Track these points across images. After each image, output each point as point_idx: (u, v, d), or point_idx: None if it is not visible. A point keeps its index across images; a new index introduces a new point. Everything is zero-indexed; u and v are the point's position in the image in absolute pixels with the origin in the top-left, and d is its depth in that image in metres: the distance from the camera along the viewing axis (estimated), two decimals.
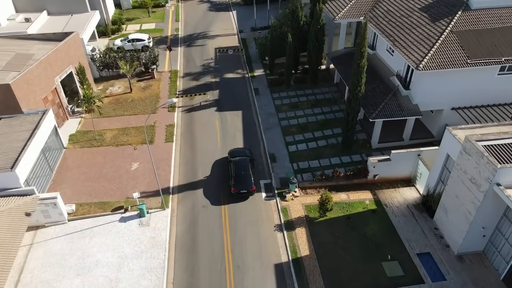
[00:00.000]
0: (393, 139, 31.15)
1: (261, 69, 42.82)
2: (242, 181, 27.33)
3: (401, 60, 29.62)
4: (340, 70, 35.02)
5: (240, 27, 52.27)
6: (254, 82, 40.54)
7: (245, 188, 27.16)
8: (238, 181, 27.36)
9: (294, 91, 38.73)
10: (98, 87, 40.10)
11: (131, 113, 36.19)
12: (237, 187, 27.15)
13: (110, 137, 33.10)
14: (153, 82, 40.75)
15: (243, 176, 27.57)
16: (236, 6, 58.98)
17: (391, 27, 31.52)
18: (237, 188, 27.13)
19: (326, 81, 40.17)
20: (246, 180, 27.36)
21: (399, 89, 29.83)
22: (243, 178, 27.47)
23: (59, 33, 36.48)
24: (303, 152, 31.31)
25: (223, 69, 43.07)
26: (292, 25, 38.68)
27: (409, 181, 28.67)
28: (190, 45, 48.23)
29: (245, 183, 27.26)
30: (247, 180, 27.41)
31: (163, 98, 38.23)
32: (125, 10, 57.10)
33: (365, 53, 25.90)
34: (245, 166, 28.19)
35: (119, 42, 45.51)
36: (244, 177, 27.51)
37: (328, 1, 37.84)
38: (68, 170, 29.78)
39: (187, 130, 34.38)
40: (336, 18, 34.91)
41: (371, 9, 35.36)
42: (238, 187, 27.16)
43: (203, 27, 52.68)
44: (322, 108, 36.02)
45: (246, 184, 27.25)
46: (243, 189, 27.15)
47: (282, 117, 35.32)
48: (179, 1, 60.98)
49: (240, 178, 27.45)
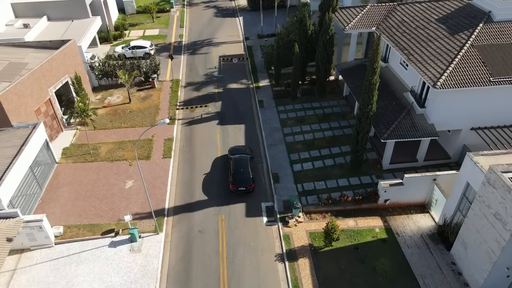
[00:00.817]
0: (406, 160, 28.92)
1: (267, 79, 40.88)
2: (241, 179, 27.19)
3: (416, 76, 27.44)
4: (350, 83, 32.88)
5: (246, 34, 50.43)
6: (259, 93, 38.60)
7: (243, 185, 27.02)
8: (236, 178, 27.20)
9: (301, 103, 36.69)
10: (96, 96, 38.54)
11: (129, 125, 34.49)
12: (235, 185, 27.01)
13: (105, 152, 31.41)
14: (154, 92, 39.05)
15: (242, 173, 27.45)
16: (242, 11, 57.18)
17: (406, 39, 29.35)
18: (236, 186, 27.02)
19: (335, 93, 38.06)
20: (244, 178, 27.23)
21: (413, 107, 27.61)
22: (242, 175, 27.34)
23: (56, 41, 34.98)
24: (308, 171, 29.24)
25: (227, 79, 41.22)
26: (300, 34, 36.68)
27: (423, 207, 26.45)
28: (193, 53, 46.50)
29: (244, 181, 27.11)
30: (246, 177, 27.26)
31: (163, 109, 36.49)
32: (129, 15, 55.71)
33: (377, 69, 23.80)
34: (244, 164, 28.07)
35: (120, 49, 43.97)
36: (243, 174, 27.40)
37: (338, 10, 35.76)
38: (58, 188, 28.12)
39: (186, 145, 32.55)
40: (346, 28, 32.82)
41: (384, 19, 33.21)
42: (236, 184, 27.01)
43: (208, 34, 50.95)
44: (330, 123, 33.91)
45: (245, 181, 27.10)
46: (241, 187, 27.02)
47: (287, 132, 33.29)
48: (185, 6, 59.38)
49: (239, 176, 27.30)
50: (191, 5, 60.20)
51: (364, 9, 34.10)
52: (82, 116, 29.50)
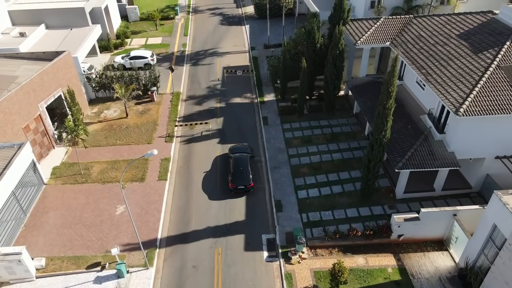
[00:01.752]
0: (422, 189, 26.37)
1: (272, 93, 38.61)
2: (240, 177, 27.30)
3: (434, 97, 24.93)
4: (361, 103, 30.42)
5: (252, 44, 48.25)
6: (263, 109, 36.33)
7: (243, 184, 27.08)
8: (236, 176, 27.33)
9: (308, 121, 34.32)
10: (92, 109, 36.66)
11: (124, 142, 32.48)
12: (235, 183, 27.09)
13: (97, 172, 29.40)
14: (153, 105, 37.03)
15: (242, 172, 27.55)
16: (249, 19, 55.04)
17: (423, 56, 26.86)
18: (235, 184, 27.08)
19: (344, 110, 35.63)
20: (244, 176, 27.34)
21: (431, 132, 25.08)
22: (242, 174, 27.46)
23: (49, 52, 33.19)
24: (314, 199, 26.85)
25: (230, 92, 39.05)
26: (308, 47, 34.35)
27: (441, 243, 23.91)
28: (196, 63, 44.45)
29: (243, 179, 27.20)
30: (246, 176, 27.37)
31: (161, 125, 34.42)
32: (132, 23, 53.94)
33: (393, 93, 21.37)
34: (244, 162, 28.14)
35: (120, 59, 42.12)
36: (243, 173, 27.51)
37: (350, 22, 33.38)
38: (44, 213, 26.14)
39: (184, 166, 30.39)
40: (358, 43, 30.41)
41: (399, 33, 30.75)
42: (236, 182, 27.10)
43: (212, 43, 48.88)
44: (339, 145, 31.48)
45: (244, 180, 27.19)
46: (240, 185, 27.07)
47: (292, 153, 30.96)
48: (190, 13, 57.48)
49: (238, 174, 27.44)
50: (196, 12, 58.27)
51: (378, 22, 31.66)
52: (72, 135, 27.52)
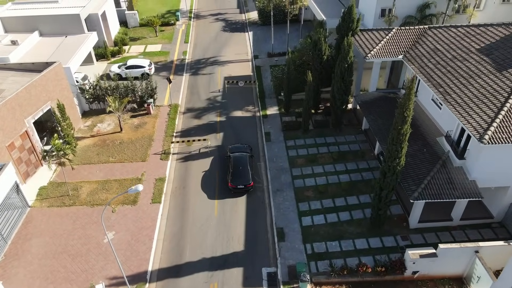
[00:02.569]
0: (439, 218, 24.08)
1: (276, 106, 36.44)
2: (240, 176, 27.03)
3: (452, 118, 22.65)
4: (370, 120, 28.16)
5: (255, 52, 46.13)
6: (266, 124, 34.18)
7: (242, 183, 26.84)
8: (235, 176, 27.07)
9: (313, 138, 32.13)
10: (85, 122, 34.71)
11: (117, 159, 30.47)
12: (234, 182, 26.84)
13: (87, 193, 27.39)
14: (149, 118, 35.01)
15: (241, 171, 27.28)
16: (253, 26, 52.93)
17: (440, 73, 24.59)
18: (234, 183, 26.82)
19: (352, 125, 33.40)
20: (243, 176, 27.08)
21: (449, 157, 22.79)
22: (241, 173, 27.19)
23: (39, 63, 31.27)
24: (320, 227, 24.64)
25: (231, 105, 36.94)
26: (314, 59, 32.18)
27: (460, 280, 21.61)
28: (196, 73, 42.40)
29: (243, 178, 26.95)
30: (245, 175, 27.12)
31: (157, 140, 32.38)
32: (131, 28, 52.05)
33: (409, 118, 19.14)
34: (243, 162, 27.88)
35: (116, 69, 40.18)
36: (242, 172, 27.24)
37: (359, 32, 31.16)
38: (26, 240, 24.14)
39: (180, 187, 28.30)
40: (368, 56, 28.17)
41: (413, 45, 28.49)
42: (235, 182, 26.84)
43: (214, 51, 46.82)
44: (346, 165, 29.25)
45: (244, 179, 26.93)
46: (240, 184, 26.82)
47: (296, 174, 28.77)
48: (191, 19, 55.50)
49: (237, 173, 27.18)
50: (198, 18, 56.27)
51: (389, 33, 29.41)
52: (58, 156, 25.53)
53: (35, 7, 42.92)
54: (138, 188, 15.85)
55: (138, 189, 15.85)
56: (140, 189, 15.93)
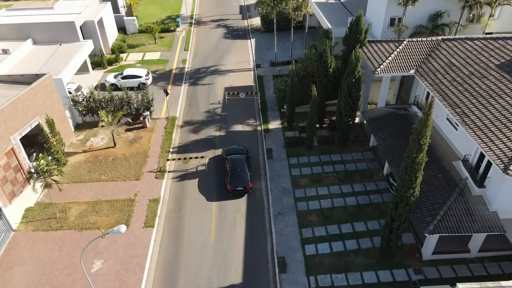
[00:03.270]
0: (455, 249, 22.11)
1: (278, 120, 34.59)
2: (238, 178, 26.79)
3: (471, 142, 20.71)
4: (379, 139, 26.22)
5: (257, 60, 44.34)
6: (268, 139, 32.34)
7: (241, 185, 26.59)
8: (234, 178, 26.82)
9: (317, 155, 30.24)
10: (78, 136, 33.02)
11: (109, 177, 28.72)
12: (233, 184, 26.60)
13: (75, 216, 25.65)
14: (144, 132, 33.27)
15: (239, 173, 27.05)
16: (255, 33, 51.14)
17: (457, 91, 22.66)
18: (233, 185, 26.59)
19: (359, 141, 31.47)
20: (242, 177, 26.86)
21: (467, 185, 20.83)
22: (239, 175, 26.96)
23: (28, 75, 29.62)
24: (324, 257, 22.73)
25: (231, 118, 35.12)
26: (319, 71, 30.34)
27: None
28: (196, 83, 40.65)
29: (241, 180, 26.71)
30: (244, 177, 26.90)
31: (152, 157, 30.62)
32: (130, 35, 50.43)
33: (425, 146, 17.24)
34: (241, 163, 27.68)
35: (112, 78, 38.51)
36: (240, 174, 27.02)
37: (367, 44, 29.30)
38: (8, 269, 22.40)
39: (175, 209, 26.51)
40: (377, 71, 26.25)
41: (425, 59, 26.57)
42: (234, 184, 26.60)
43: (214, 59, 45.07)
44: (353, 186, 27.35)
45: (242, 181, 26.70)
46: (239, 186, 26.57)
47: (299, 196, 26.90)
48: (192, 25, 53.80)
49: (236, 175, 26.94)
50: (199, 24, 54.57)
51: (400, 45, 27.49)
52: (44, 177, 23.81)
53: (30, 13, 41.46)
54: (120, 229, 14.07)
55: (120, 231, 14.07)
56: (122, 230, 14.16)
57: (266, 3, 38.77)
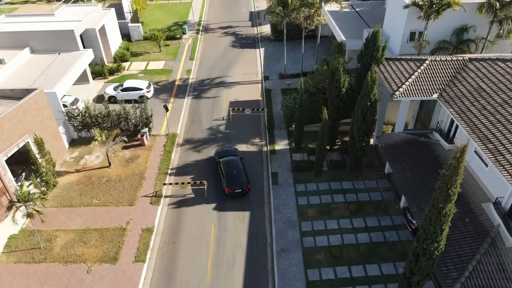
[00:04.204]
0: None
1: (285, 139, 32.11)
2: (235, 180, 26.32)
3: (503, 184, 17.95)
4: (397, 171, 23.51)
5: (266, 72, 41.93)
6: (273, 161, 29.91)
7: (239, 186, 26.19)
8: (230, 180, 26.31)
9: (327, 182, 27.71)
10: (72, 153, 31.09)
11: (101, 202, 26.67)
12: (230, 187, 26.11)
13: (61, 246, 23.62)
14: (142, 151, 31.17)
15: (236, 174, 26.60)
16: (265, 41, 48.72)
17: (487, 121, 19.90)
18: (231, 188, 26.11)
19: (373, 167, 28.84)
20: (239, 179, 26.42)
21: (500, 234, 18.07)
22: (236, 176, 26.48)
23: (18, 90, 27.78)
24: None
25: (235, 136, 32.76)
26: (330, 90, 27.78)
27: None
28: (200, 96, 38.43)
29: (239, 182, 26.28)
30: (241, 178, 26.47)
31: (148, 179, 28.49)
32: (135, 42, 48.53)
33: (454, 197, 14.61)
34: (236, 165, 27.29)
35: (112, 90, 36.55)
36: (237, 175, 26.57)
37: (384, 61, 26.66)
38: None
39: (169, 242, 24.26)
40: (396, 94, 23.56)
41: (450, 81, 23.82)
42: (231, 186, 26.12)
43: (221, 70, 42.80)
44: (366, 220, 24.75)
45: (240, 182, 26.27)
46: (237, 188, 26.13)
47: (306, 229, 24.41)
48: (199, 32, 51.65)
49: (232, 177, 26.43)
50: (207, 31, 52.39)
51: (422, 65, 24.75)
52: (26, 207, 21.82)
53: (29, 20, 39.82)
54: None
55: None
56: None
57: (275, 12, 36.35)
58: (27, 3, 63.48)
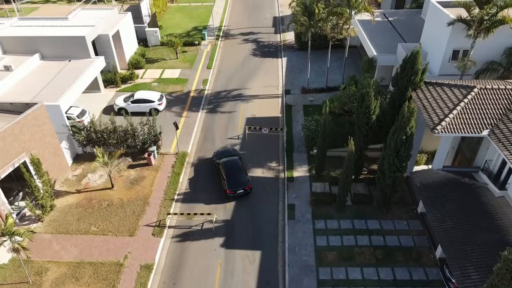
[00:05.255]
0: None
1: (305, 165, 29.01)
2: (237, 181, 25.93)
3: None
4: (435, 220, 20.01)
5: (287, 85, 38.85)
6: (291, 190, 26.90)
7: (241, 187, 25.81)
8: (231, 181, 25.92)
9: (350, 220, 24.49)
10: (76, 170, 29.04)
11: (99, 230, 24.39)
12: (232, 188, 25.71)
13: (51, 282, 21.42)
14: (149, 171, 28.77)
15: (236, 175, 26.19)
16: (288, 50, 45.60)
17: None
18: (232, 189, 25.69)
19: (404, 204, 25.38)
20: (240, 179, 26.05)
21: None
22: (237, 177, 26.08)
23: (18, 104, 25.84)
24: None
25: (250, 158, 29.85)
26: (358, 116, 24.47)
27: None
28: (215, 110, 35.75)
29: (240, 182, 25.92)
30: (242, 178, 26.12)
31: (153, 205, 26.05)
32: (151, 47, 46.39)
33: None
34: (235, 165, 26.90)
35: (122, 102, 34.35)
36: (238, 176, 26.18)
37: (423, 86, 23.16)
38: None
39: (168, 283, 21.65)
40: (437, 129, 20.08)
41: (504, 115, 20.14)
42: (233, 187, 25.71)
43: (239, 81, 40.00)
44: (395, 271, 21.40)
45: (241, 182, 25.92)
46: (239, 189, 25.75)
47: (324, 277, 21.31)
48: (219, 38, 49.02)
49: (233, 178, 26.03)
50: (227, 37, 49.70)
51: (469, 94, 21.13)
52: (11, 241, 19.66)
53: (42, 24, 38.18)
54: None
55: None
56: None
57: (300, 22, 33.20)
58: (47, 3, 62.55)
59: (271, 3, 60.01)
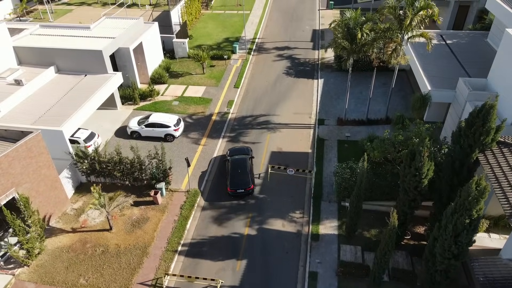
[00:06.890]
0: None
1: (335, 219, 24.39)
2: (238, 179, 25.71)
3: None
4: None
5: (321, 113, 34.18)
6: (314, 252, 22.42)
7: (241, 187, 25.47)
8: (234, 179, 25.78)
9: None
10: (75, 203, 26.15)
11: (88, 284, 21.16)
12: (233, 186, 25.57)
13: None
14: (154, 212, 25.31)
15: (240, 174, 25.95)
16: (326, 70, 40.80)
17: None
18: (233, 187, 25.55)
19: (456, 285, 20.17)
20: (242, 178, 25.71)
21: None
22: (240, 176, 25.85)
23: (13, 131, 23.15)
24: None
25: (270, 205, 25.68)
26: (405, 177, 19.52)
27: None
28: (237, 138, 31.78)
29: (242, 182, 25.56)
30: (244, 178, 25.75)
31: (152, 256, 22.53)
32: (178, 59, 43.22)
33: None
34: (242, 164, 26.53)
35: (135, 125, 31.22)
36: (241, 175, 25.89)
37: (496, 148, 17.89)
38: None
39: None
40: None
41: None
42: (234, 186, 25.56)
43: (267, 105, 35.79)
44: None
45: (243, 182, 25.53)
46: (239, 188, 25.47)
47: None
48: (252, 52, 45.04)
49: (236, 177, 25.87)
50: (260, 51, 45.59)
51: None
52: None
53: (62, 33, 35.87)
54: None
55: None
56: None
57: (341, 46, 28.48)
58: (83, 5, 61.39)
59: (312, 14, 55.20)
